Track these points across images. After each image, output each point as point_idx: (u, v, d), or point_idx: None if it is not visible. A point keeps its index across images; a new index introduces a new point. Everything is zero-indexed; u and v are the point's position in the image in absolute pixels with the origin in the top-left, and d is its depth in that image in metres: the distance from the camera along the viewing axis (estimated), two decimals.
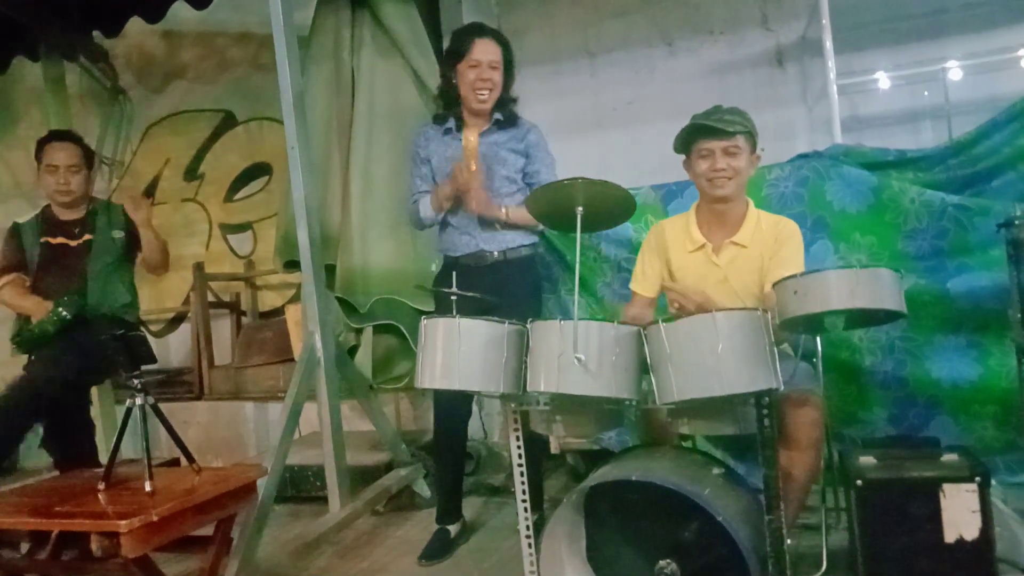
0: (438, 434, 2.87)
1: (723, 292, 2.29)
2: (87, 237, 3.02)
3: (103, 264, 3.02)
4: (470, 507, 3.21)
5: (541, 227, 2.81)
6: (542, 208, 2.19)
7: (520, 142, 2.75)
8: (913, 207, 2.78)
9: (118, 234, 3.07)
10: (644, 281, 2.52)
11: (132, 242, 3.08)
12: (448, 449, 2.86)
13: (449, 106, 2.77)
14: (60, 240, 3.00)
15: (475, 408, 3.36)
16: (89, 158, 3.11)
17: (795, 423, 2.14)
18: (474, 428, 3.46)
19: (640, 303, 2.52)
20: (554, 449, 2.14)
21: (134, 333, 2.89)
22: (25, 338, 2.91)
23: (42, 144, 3.04)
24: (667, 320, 1.83)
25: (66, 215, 3.06)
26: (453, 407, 2.79)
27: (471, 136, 2.60)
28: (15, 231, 3.09)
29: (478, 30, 2.74)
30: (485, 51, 2.66)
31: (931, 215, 2.75)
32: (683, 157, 2.43)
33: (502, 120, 2.74)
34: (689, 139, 2.34)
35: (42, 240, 3.01)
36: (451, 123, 2.75)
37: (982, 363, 2.70)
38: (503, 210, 2.69)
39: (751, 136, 2.32)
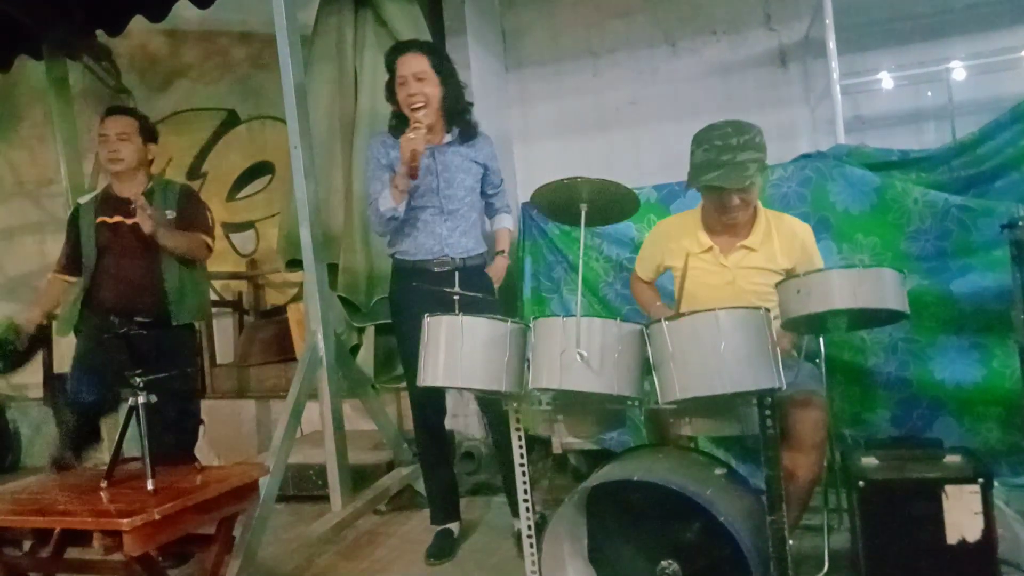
0: (421, 436, 2.87)
1: (730, 293, 2.29)
2: None
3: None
4: (471, 507, 3.22)
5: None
6: (545, 205, 2.19)
7: (479, 154, 2.74)
8: (916, 208, 2.78)
9: (170, 214, 2.89)
10: (643, 266, 2.61)
11: (188, 223, 2.91)
12: (434, 448, 2.86)
13: (402, 123, 2.69)
14: (117, 219, 2.86)
15: (476, 408, 3.37)
16: (146, 130, 2.98)
17: (799, 424, 2.14)
18: (474, 428, 3.48)
19: (640, 281, 2.64)
20: (556, 449, 2.12)
21: (133, 329, 2.84)
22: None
23: (101, 122, 2.97)
24: (670, 318, 1.83)
25: (124, 190, 2.91)
26: (430, 406, 2.80)
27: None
28: (74, 214, 3.01)
29: (401, 47, 2.71)
30: (408, 65, 2.62)
31: (934, 216, 2.75)
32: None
33: (461, 131, 2.71)
34: (692, 181, 2.30)
35: (98, 220, 2.89)
36: None
37: (985, 364, 2.70)
38: (504, 253, 2.78)
39: (764, 160, 2.24)
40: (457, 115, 2.71)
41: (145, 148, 2.96)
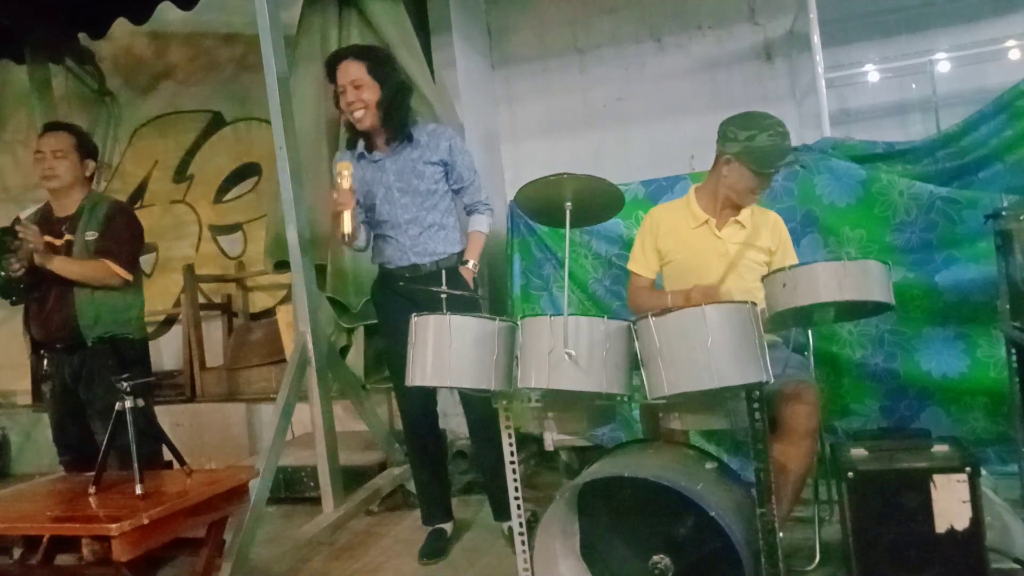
0: (409, 437, 2.87)
1: (724, 265, 2.39)
2: (68, 237, 2.79)
3: None
4: (464, 506, 3.21)
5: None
6: (531, 205, 2.19)
7: (434, 152, 2.69)
8: (902, 200, 2.80)
9: (91, 235, 2.77)
10: (640, 261, 2.56)
11: (102, 248, 2.77)
12: (424, 449, 2.85)
13: (355, 133, 2.71)
14: (48, 238, 2.79)
15: None
16: (84, 147, 2.88)
17: (790, 415, 2.16)
18: (466, 427, 3.46)
19: (639, 283, 2.57)
20: (548, 446, 2.12)
21: (124, 335, 2.83)
22: None
23: (39, 138, 2.90)
24: (656, 314, 1.83)
25: (61, 210, 2.86)
26: (419, 409, 2.80)
27: (344, 167, 2.54)
28: (13, 224, 2.87)
29: (338, 55, 2.71)
30: (344, 74, 2.62)
31: (920, 208, 2.77)
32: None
33: (402, 137, 2.68)
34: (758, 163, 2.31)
35: None
36: (361, 147, 2.72)
37: (970, 355, 2.73)
38: (471, 264, 2.71)
39: None
40: (394, 117, 2.66)
41: (82, 165, 2.87)
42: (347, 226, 2.51)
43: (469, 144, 3.42)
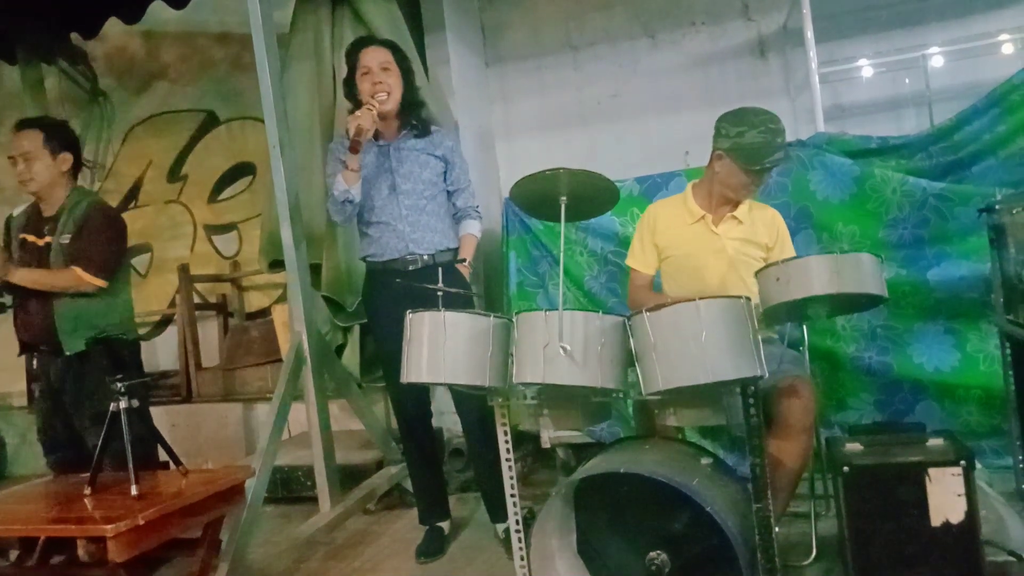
0: (405, 436, 2.87)
1: (721, 261, 2.39)
2: (48, 239, 2.70)
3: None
4: (461, 504, 3.21)
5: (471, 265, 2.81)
6: (526, 199, 2.19)
7: (437, 148, 2.73)
8: (895, 197, 2.81)
9: (65, 238, 2.67)
10: (639, 257, 2.56)
11: (75, 252, 2.65)
12: (420, 447, 2.85)
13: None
14: (32, 238, 2.73)
15: None
16: (56, 140, 2.74)
17: (787, 410, 2.16)
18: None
19: (639, 281, 2.57)
20: (545, 443, 2.12)
21: (111, 337, 2.77)
22: None
23: (12, 139, 2.79)
24: (651, 309, 1.83)
25: (47, 209, 2.76)
26: (413, 405, 2.80)
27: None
28: (7, 224, 2.89)
29: (363, 41, 2.78)
30: (372, 56, 2.66)
31: (912, 204, 2.79)
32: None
33: (415, 127, 2.72)
34: (747, 160, 2.30)
35: (20, 236, 2.77)
36: None
37: (960, 349, 2.75)
38: (466, 262, 2.73)
39: None
40: (412, 111, 2.73)
41: (56, 160, 2.73)
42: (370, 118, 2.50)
43: (463, 142, 3.42)
